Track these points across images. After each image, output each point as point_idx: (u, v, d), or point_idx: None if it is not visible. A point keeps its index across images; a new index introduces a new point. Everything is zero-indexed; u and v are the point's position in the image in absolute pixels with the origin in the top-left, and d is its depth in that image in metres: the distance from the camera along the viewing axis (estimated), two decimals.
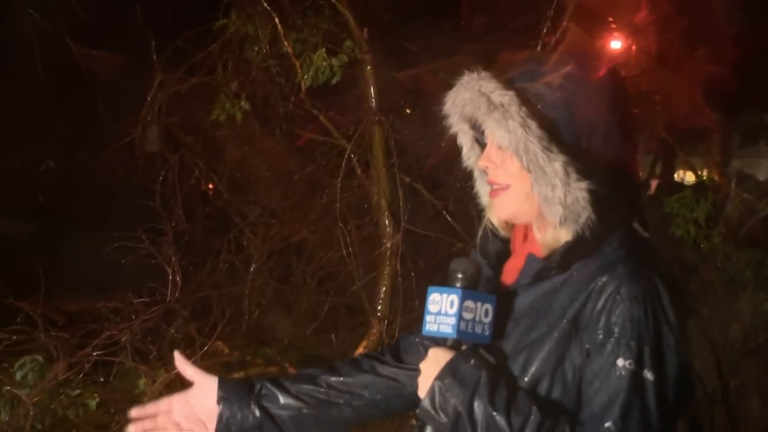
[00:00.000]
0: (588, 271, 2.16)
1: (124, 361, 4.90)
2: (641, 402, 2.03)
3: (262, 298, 7.25)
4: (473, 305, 2.13)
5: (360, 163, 6.13)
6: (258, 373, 6.90)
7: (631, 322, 2.06)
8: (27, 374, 6.16)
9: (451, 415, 2.09)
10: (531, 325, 2.19)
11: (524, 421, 2.04)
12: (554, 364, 2.14)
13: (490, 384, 2.08)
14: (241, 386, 2.49)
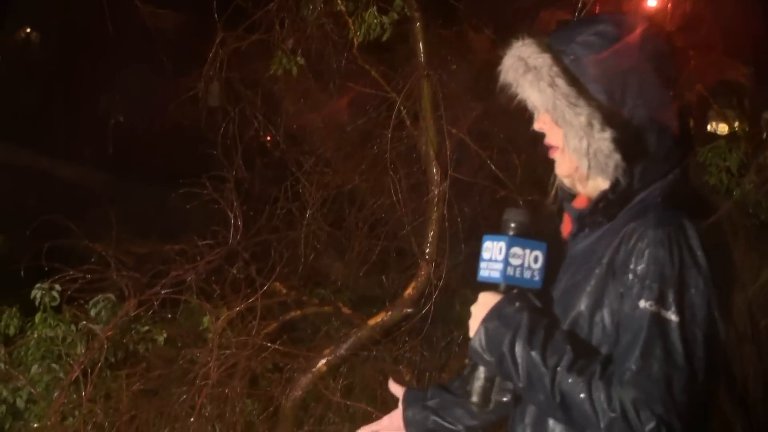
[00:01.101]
0: (625, 217, 2.14)
1: (189, 299, 4.94)
2: (664, 342, 1.98)
3: (316, 243, 7.27)
4: (521, 252, 2.13)
5: (409, 115, 6.10)
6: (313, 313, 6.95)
7: (654, 265, 2.02)
8: (101, 311, 6.24)
9: (496, 354, 2.11)
10: (577, 270, 2.19)
11: (558, 359, 2.04)
12: (593, 307, 2.12)
13: (530, 325, 2.09)
14: (418, 394, 2.68)
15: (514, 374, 2.09)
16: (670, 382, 1.97)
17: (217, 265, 5.16)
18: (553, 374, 2.04)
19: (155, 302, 4.84)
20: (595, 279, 2.13)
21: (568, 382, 2.02)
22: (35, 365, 6.07)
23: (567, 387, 2.02)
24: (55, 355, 6.20)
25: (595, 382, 2.00)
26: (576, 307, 2.14)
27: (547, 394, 2.05)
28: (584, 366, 2.03)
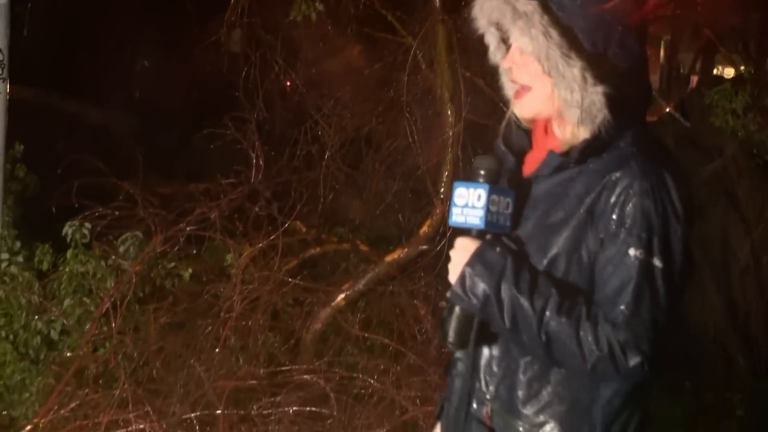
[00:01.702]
0: (602, 165, 2.16)
1: (213, 236, 4.96)
2: (651, 287, 2.06)
3: (335, 183, 7.28)
4: (497, 199, 2.16)
5: (424, 59, 6.07)
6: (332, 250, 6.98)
7: (642, 215, 2.07)
8: (129, 248, 6.28)
9: (480, 297, 2.12)
10: (548, 210, 2.20)
11: (545, 302, 2.07)
12: (571, 248, 2.15)
13: (515, 269, 2.11)
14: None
15: (499, 316, 2.11)
16: (655, 325, 2.05)
17: (239, 203, 5.17)
18: (540, 316, 2.07)
19: (181, 239, 4.86)
20: (574, 224, 2.15)
21: (556, 323, 2.06)
22: (67, 299, 6.13)
23: (554, 328, 2.06)
24: (86, 289, 6.26)
25: (583, 324, 2.05)
26: (553, 248, 2.16)
27: (532, 335, 2.08)
28: (570, 308, 2.07)
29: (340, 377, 4.59)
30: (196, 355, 4.79)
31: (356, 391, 4.55)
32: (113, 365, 4.85)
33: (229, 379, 4.54)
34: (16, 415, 5.67)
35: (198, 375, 4.53)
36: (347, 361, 4.98)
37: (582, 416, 2.17)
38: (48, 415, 4.30)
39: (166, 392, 4.54)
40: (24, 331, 6.28)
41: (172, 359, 4.99)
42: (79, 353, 4.82)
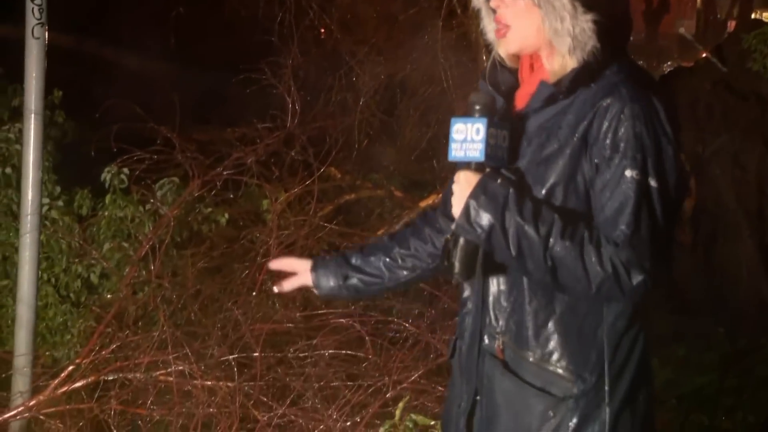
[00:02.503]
0: (592, 93, 2.17)
1: (249, 181, 4.95)
2: (648, 206, 2.10)
3: (369, 129, 7.25)
4: (495, 132, 2.18)
5: (459, 3, 6.00)
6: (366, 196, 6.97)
7: (635, 138, 2.11)
8: (166, 193, 6.30)
9: (485, 227, 2.14)
10: (542, 143, 2.21)
11: (549, 228, 2.10)
12: (567, 177, 2.17)
13: (517, 198, 2.13)
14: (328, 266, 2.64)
15: (505, 245, 2.13)
16: (655, 242, 2.09)
17: (275, 148, 5.15)
18: (545, 242, 2.09)
19: (218, 183, 4.85)
20: (569, 151, 2.17)
21: (561, 248, 2.09)
22: (107, 243, 6.18)
23: (559, 253, 2.09)
24: (125, 234, 6.30)
25: (587, 246, 2.08)
26: (550, 178, 2.18)
27: (538, 261, 2.11)
28: (573, 232, 2.10)
29: (376, 321, 4.59)
30: (233, 299, 4.80)
31: (391, 335, 4.56)
32: (152, 308, 4.88)
33: (265, 322, 4.56)
34: (59, 356, 5.74)
35: (235, 318, 4.54)
36: (382, 305, 4.98)
37: (588, 342, 2.20)
38: (89, 355, 4.34)
39: (204, 335, 4.56)
40: (65, 275, 6.35)
41: (210, 303, 5.02)
42: (119, 296, 4.85)
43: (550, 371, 2.22)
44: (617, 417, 2.21)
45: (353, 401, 4.16)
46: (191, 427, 4.06)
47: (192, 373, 4.24)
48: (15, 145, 6.50)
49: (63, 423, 4.15)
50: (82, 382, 4.25)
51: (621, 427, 2.22)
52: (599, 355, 2.20)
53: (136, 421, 4.35)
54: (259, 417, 4.15)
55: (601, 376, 2.20)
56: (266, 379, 4.35)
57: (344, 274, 2.62)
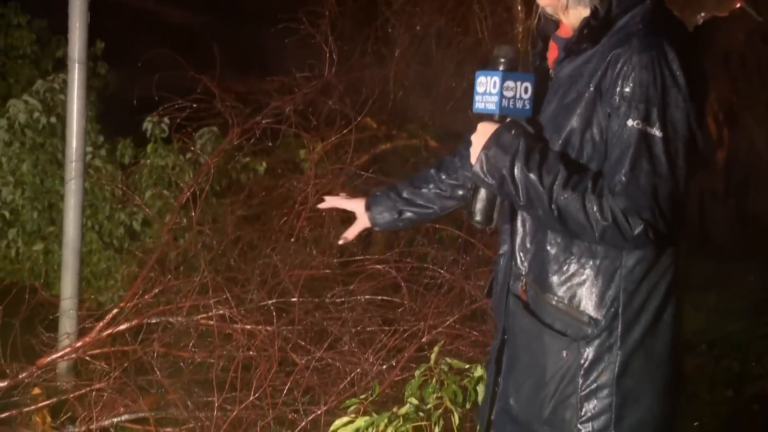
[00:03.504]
0: (609, 44, 2.20)
1: (287, 130, 4.95)
2: (650, 155, 2.09)
3: (405, 80, 7.21)
4: (513, 84, 2.23)
5: None
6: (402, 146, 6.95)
7: (640, 87, 2.10)
8: (206, 143, 6.33)
9: (497, 177, 2.21)
10: (565, 92, 2.25)
11: (554, 178, 2.14)
12: (583, 126, 2.19)
13: (527, 149, 2.18)
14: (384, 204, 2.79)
15: (515, 194, 2.19)
16: (655, 191, 2.09)
17: (313, 97, 5.13)
18: (549, 192, 2.14)
19: (256, 132, 4.85)
20: (585, 101, 2.19)
21: (564, 197, 2.13)
22: (148, 191, 6.23)
23: (563, 202, 2.13)
24: (166, 182, 6.34)
25: (588, 196, 2.11)
26: (567, 126, 2.21)
27: (545, 209, 2.15)
28: (577, 182, 2.13)
29: (411, 267, 4.59)
30: (271, 246, 4.82)
31: (426, 281, 4.56)
32: (193, 254, 4.91)
33: (303, 268, 4.58)
34: (103, 300, 5.82)
35: (274, 264, 4.56)
36: (418, 252, 4.99)
37: (605, 286, 2.23)
38: (133, 299, 4.39)
39: (243, 280, 4.59)
40: (108, 222, 6.41)
41: (249, 250, 5.04)
42: (160, 242, 4.89)
43: (566, 313, 2.27)
44: (628, 360, 2.23)
45: (389, 345, 4.18)
46: (231, 370, 4.10)
47: (232, 317, 4.27)
48: (59, 95, 6.55)
49: (108, 364, 4.20)
50: (125, 325, 4.30)
51: (633, 370, 2.24)
52: (614, 299, 2.23)
53: (178, 362, 4.40)
54: (297, 360, 4.18)
55: (614, 319, 2.23)
56: (304, 324, 4.38)
57: (398, 209, 2.76)
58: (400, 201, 2.76)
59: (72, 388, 4.23)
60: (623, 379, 2.23)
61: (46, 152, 6.61)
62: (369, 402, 3.62)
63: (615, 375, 2.23)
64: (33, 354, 4.27)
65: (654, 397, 2.26)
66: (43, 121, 6.61)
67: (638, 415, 2.25)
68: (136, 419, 4.26)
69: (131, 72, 5.62)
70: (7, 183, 6.59)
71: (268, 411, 4.05)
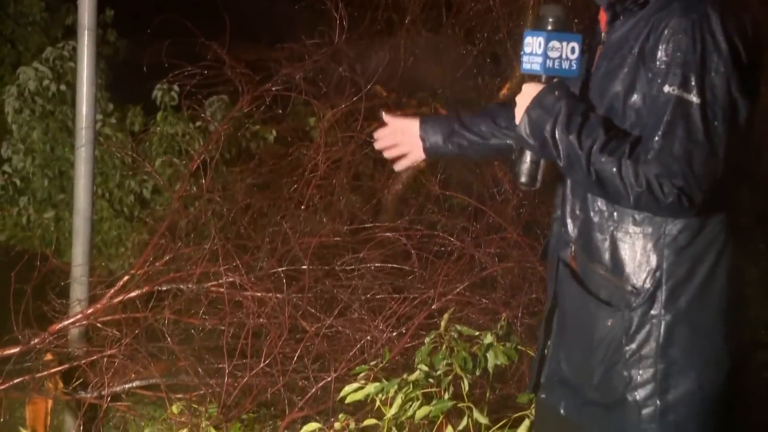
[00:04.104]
0: (653, 8, 2.18)
1: (297, 97, 4.92)
2: (686, 122, 2.07)
3: (415, 48, 7.16)
4: (558, 45, 2.21)
5: None
6: (412, 113, 6.91)
7: (679, 52, 2.09)
8: (215, 111, 6.32)
9: (539, 139, 2.21)
10: (612, 56, 2.25)
11: (593, 142, 2.13)
12: (626, 91, 2.19)
13: (568, 112, 2.17)
14: (438, 127, 2.70)
15: (556, 156, 2.20)
16: (690, 158, 2.06)
17: (323, 64, 5.10)
18: (588, 155, 2.14)
19: (266, 100, 4.82)
20: (628, 66, 2.19)
21: (601, 161, 2.12)
22: (158, 159, 6.23)
23: (600, 166, 2.13)
24: (176, 150, 6.34)
25: (624, 161, 2.11)
26: (611, 90, 2.21)
27: (584, 172, 2.16)
28: (615, 147, 2.12)
29: (421, 235, 4.58)
30: (281, 214, 4.82)
31: (436, 249, 4.55)
32: (203, 222, 4.91)
33: (313, 236, 4.57)
34: (114, 267, 5.84)
35: (284, 232, 4.56)
36: (428, 219, 4.98)
37: (648, 254, 2.21)
38: (143, 267, 4.39)
39: (253, 248, 4.59)
40: (118, 190, 6.43)
41: (259, 217, 5.04)
42: (171, 209, 4.89)
43: (610, 281, 2.26)
44: (673, 330, 2.21)
45: (399, 313, 4.18)
46: (242, 337, 4.11)
47: (242, 285, 4.27)
48: (69, 63, 6.54)
49: (119, 331, 4.21)
50: (136, 292, 4.31)
51: (678, 340, 2.21)
52: (657, 268, 2.21)
53: (188, 329, 4.41)
54: (307, 327, 4.19)
55: (658, 288, 2.21)
56: (314, 291, 4.38)
57: (451, 128, 2.66)
58: (455, 121, 2.68)
59: (83, 354, 4.24)
60: (668, 349, 2.21)
61: (56, 120, 6.62)
62: (379, 369, 3.63)
63: (659, 345, 2.21)
64: (45, 320, 4.28)
65: (702, 370, 2.23)
66: (52, 88, 6.61)
67: (685, 386, 2.22)
68: (148, 386, 4.28)
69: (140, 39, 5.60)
70: (17, 150, 6.61)
71: (279, 378, 4.06)
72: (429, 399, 3.52)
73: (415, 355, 3.72)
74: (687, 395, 2.22)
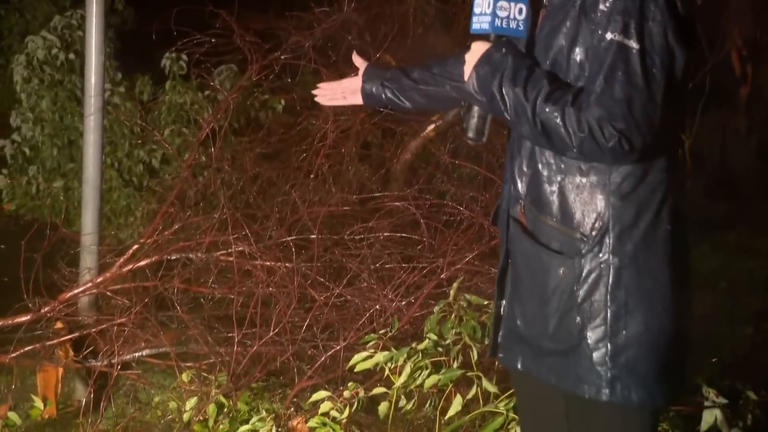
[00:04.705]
0: None
1: (306, 65, 4.90)
2: (626, 66, 2.14)
3: (425, 16, 7.12)
4: (507, 5, 2.30)
5: None
6: None
7: (620, 1, 2.17)
8: (224, 80, 6.29)
9: (487, 94, 2.28)
10: (555, 14, 2.31)
11: (537, 93, 2.20)
12: (569, 45, 2.26)
13: (515, 67, 2.25)
14: (378, 72, 2.84)
15: (503, 110, 2.26)
16: (630, 102, 2.13)
17: (332, 32, 5.06)
18: (533, 106, 2.20)
19: (275, 68, 4.79)
20: (571, 20, 2.26)
21: (546, 111, 2.19)
22: (167, 129, 6.21)
23: (545, 116, 2.19)
24: (185, 119, 6.32)
25: (567, 109, 2.17)
26: (555, 45, 2.29)
27: (530, 123, 2.22)
28: (559, 96, 2.19)
29: (430, 204, 4.57)
30: (290, 183, 4.81)
31: (445, 218, 4.54)
32: (212, 191, 4.91)
33: (322, 205, 4.57)
34: (123, 237, 5.84)
35: (293, 202, 4.55)
36: (437, 188, 4.96)
37: (595, 202, 2.29)
38: (153, 235, 4.39)
39: (262, 217, 4.59)
40: (127, 160, 6.42)
41: (268, 187, 5.03)
42: (180, 178, 4.88)
43: (560, 231, 2.33)
44: (620, 273, 2.28)
45: (408, 282, 4.18)
46: (251, 306, 4.11)
47: (252, 254, 4.27)
48: (77, 31, 6.51)
49: (129, 300, 4.22)
50: (146, 261, 4.31)
51: (626, 284, 2.29)
52: (604, 214, 2.28)
53: (198, 299, 4.42)
54: (316, 296, 4.19)
55: (605, 234, 2.28)
56: (323, 261, 4.38)
57: (388, 74, 2.80)
58: (393, 70, 2.82)
59: (93, 322, 4.25)
60: (617, 293, 2.28)
61: (65, 89, 6.61)
62: (388, 338, 3.64)
63: (609, 289, 2.29)
64: (55, 289, 4.29)
65: (649, 312, 2.30)
66: (61, 57, 6.60)
67: (634, 328, 2.29)
68: (157, 354, 4.29)
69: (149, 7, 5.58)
70: (26, 120, 6.60)
71: (288, 347, 4.07)
72: (438, 368, 3.53)
73: (424, 324, 3.73)
74: (636, 336, 2.29)
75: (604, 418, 2.37)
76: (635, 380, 2.30)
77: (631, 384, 2.30)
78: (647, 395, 2.31)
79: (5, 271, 4.96)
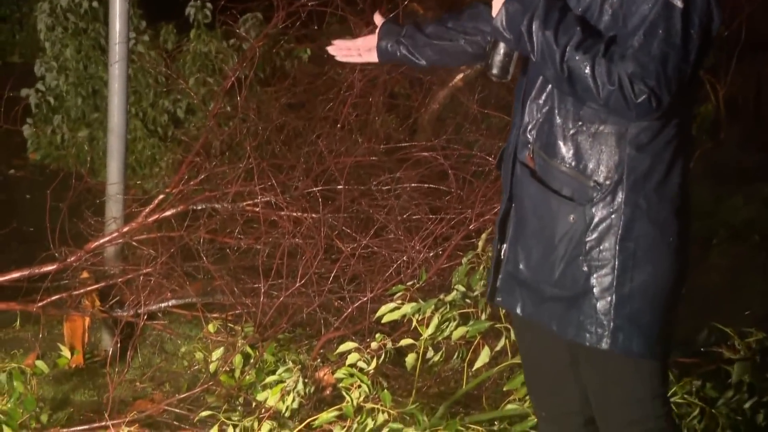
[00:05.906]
0: None
1: (333, 12, 4.85)
2: (667, 24, 2.14)
3: None
4: None
5: None
6: None
7: None
8: (249, 29, 6.24)
9: (515, 32, 2.26)
10: None
11: (569, 39, 2.19)
12: None
13: (546, 7, 2.23)
14: (394, 29, 2.75)
15: (530, 50, 2.25)
16: (665, 60, 2.15)
17: None
18: (563, 51, 2.19)
19: (302, 15, 4.74)
20: None
21: (576, 58, 2.18)
22: (192, 78, 6.19)
23: (574, 63, 2.18)
24: (210, 69, 6.29)
25: (598, 59, 2.16)
26: None
27: (556, 68, 2.21)
28: (590, 45, 2.18)
29: (458, 155, 4.53)
30: (316, 133, 4.78)
31: (474, 169, 4.50)
32: (237, 141, 4.89)
33: (349, 156, 4.54)
34: (148, 187, 5.85)
35: (319, 152, 4.53)
36: (465, 139, 4.92)
37: (610, 151, 2.29)
38: (178, 185, 4.38)
39: (288, 167, 4.57)
40: (152, 110, 6.41)
41: (294, 137, 5.00)
42: (205, 128, 4.87)
43: (573, 177, 2.33)
44: (631, 224, 2.30)
45: (436, 233, 4.16)
46: (277, 256, 4.11)
47: (278, 204, 4.26)
48: None
49: (155, 250, 4.23)
50: (171, 211, 4.30)
51: (636, 234, 2.31)
52: (619, 164, 2.29)
53: (224, 249, 4.42)
54: (342, 247, 4.18)
55: (619, 184, 2.29)
56: (350, 211, 4.36)
57: (404, 30, 2.71)
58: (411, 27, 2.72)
59: (119, 272, 4.27)
60: (626, 243, 2.30)
61: (89, 37, 6.59)
62: (415, 289, 3.63)
63: (618, 238, 2.30)
64: (81, 239, 4.30)
65: (658, 263, 2.33)
66: (85, 5, 6.57)
67: (641, 278, 2.31)
68: (184, 305, 4.31)
69: None
70: (51, 69, 6.59)
71: (314, 298, 4.07)
72: (466, 319, 3.52)
73: (452, 275, 3.71)
74: (642, 287, 2.32)
75: (615, 365, 2.39)
76: (638, 331, 2.32)
77: (633, 334, 2.32)
78: (647, 347, 2.34)
79: (31, 220, 4.99)
